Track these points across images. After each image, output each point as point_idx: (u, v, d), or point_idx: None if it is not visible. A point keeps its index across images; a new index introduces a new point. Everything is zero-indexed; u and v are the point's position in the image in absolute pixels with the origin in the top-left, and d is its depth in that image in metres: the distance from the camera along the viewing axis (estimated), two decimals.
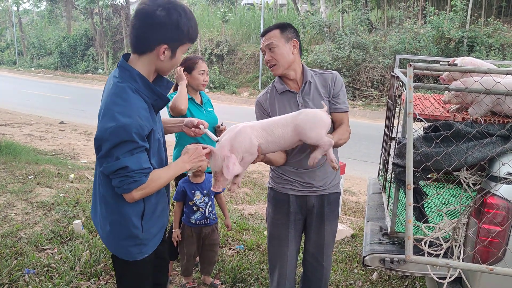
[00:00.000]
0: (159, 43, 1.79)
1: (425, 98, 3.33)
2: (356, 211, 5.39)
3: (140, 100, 1.80)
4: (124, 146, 1.72)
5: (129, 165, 1.74)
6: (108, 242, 2.02)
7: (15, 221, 4.35)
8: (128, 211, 1.90)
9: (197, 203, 3.19)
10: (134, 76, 1.81)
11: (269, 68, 2.38)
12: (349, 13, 19.00)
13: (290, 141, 2.09)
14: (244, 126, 2.04)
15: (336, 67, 15.23)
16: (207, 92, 18.13)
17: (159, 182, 1.87)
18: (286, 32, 2.31)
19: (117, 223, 1.94)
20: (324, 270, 2.57)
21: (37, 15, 35.65)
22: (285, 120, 2.09)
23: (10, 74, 25.51)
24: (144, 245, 2.00)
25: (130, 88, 1.79)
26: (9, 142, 7.69)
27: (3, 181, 5.61)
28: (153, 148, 1.89)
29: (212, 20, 23.32)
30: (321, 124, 2.06)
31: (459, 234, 2.25)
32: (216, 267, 3.63)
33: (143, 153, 1.79)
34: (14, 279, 3.22)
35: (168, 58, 1.84)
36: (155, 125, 1.89)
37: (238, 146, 1.99)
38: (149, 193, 1.86)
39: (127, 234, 1.94)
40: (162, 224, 2.12)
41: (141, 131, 1.74)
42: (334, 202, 2.53)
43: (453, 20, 14.64)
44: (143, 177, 1.79)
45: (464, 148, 2.14)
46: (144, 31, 1.78)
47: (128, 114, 1.72)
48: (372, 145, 8.40)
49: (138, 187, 1.79)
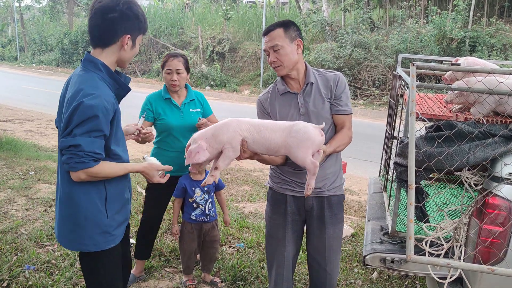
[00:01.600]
0: (123, 34, 1.95)
1: (427, 97, 3.32)
2: (357, 210, 5.39)
3: (106, 87, 1.95)
4: (85, 125, 1.83)
5: (82, 144, 1.84)
6: (72, 242, 2.06)
7: (16, 217, 4.35)
8: (92, 195, 1.98)
9: (197, 200, 3.19)
10: (98, 66, 1.95)
11: (273, 68, 2.35)
12: (351, 12, 18.98)
13: (275, 148, 2.05)
14: (231, 119, 2.05)
15: (338, 66, 15.22)
16: (208, 90, 18.13)
17: (109, 172, 1.95)
18: (289, 31, 2.27)
19: (81, 211, 1.99)
20: (328, 276, 2.48)
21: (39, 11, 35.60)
22: (277, 126, 2.06)
23: (11, 70, 25.49)
24: (109, 233, 2.06)
25: (98, 77, 1.94)
26: (10, 138, 7.69)
27: (4, 177, 5.61)
28: (116, 135, 2.01)
29: (213, 17, 23.29)
30: (309, 143, 2.02)
31: (460, 234, 2.24)
32: (216, 265, 3.63)
33: (100, 140, 1.90)
34: (14, 275, 3.22)
35: (130, 48, 2.00)
36: (119, 114, 2.01)
37: (218, 136, 1.99)
38: (96, 178, 1.93)
39: (92, 221, 2.00)
40: (126, 216, 2.18)
41: (105, 114, 1.87)
42: (336, 205, 2.45)
43: (455, 20, 14.61)
44: (91, 161, 1.87)
45: (466, 148, 2.13)
46: (109, 24, 1.93)
47: (96, 97, 1.85)
48: (373, 144, 8.39)
49: (85, 169, 1.87)
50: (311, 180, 2.07)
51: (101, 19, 1.92)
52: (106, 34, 1.94)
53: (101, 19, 1.92)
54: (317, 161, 2.06)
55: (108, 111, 1.88)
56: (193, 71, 19.52)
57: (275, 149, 2.06)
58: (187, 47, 21.93)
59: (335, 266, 2.51)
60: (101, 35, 1.95)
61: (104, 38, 1.95)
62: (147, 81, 20.50)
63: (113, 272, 2.16)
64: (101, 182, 1.99)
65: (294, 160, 2.08)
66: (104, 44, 1.97)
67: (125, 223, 2.19)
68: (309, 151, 2.04)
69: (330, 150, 2.24)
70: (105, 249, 2.06)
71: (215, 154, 2.03)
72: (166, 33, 23.45)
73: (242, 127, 2.02)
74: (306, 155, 2.03)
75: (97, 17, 1.92)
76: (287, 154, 2.08)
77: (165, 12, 25.18)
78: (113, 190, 2.05)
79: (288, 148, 2.04)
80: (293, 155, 2.05)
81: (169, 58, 3.15)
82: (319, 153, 2.11)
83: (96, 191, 1.99)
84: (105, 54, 1.98)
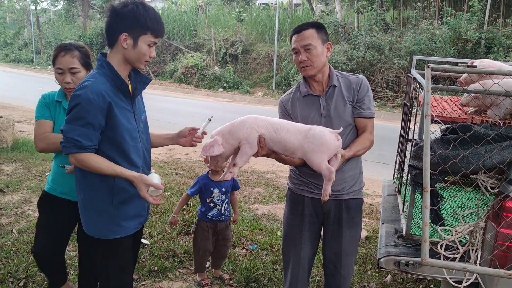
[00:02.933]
0: (120, 32, 2.02)
1: (442, 100, 3.29)
2: (370, 212, 5.36)
3: (104, 82, 2.03)
4: (71, 113, 1.97)
5: (64, 130, 1.98)
6: (86, 224, 2.16)
7: (32, 217, 4.41)
8: (99, 183, 2.08)
9: (214, 200, 3.25)
10: (103, 64, 2.07)
11: (300, 68, 2.33)
12: (365, 14, 18.87)
13: (291, 149, 2.08)
14: (248, 116, 2.10)
15: (351, 68, 15.15)
16: (221, 92, 18.18)
17: (94, 165, 1.99)
18: (321, 32, 2.29)
19: (88, 197, 2.11)
20: (342, 279, 2.47)
21: (54, 14, 36.03)
22: (294, 128, 2.09)
23: (27, 72, 25.85)
24: (117, 223, 2.13)
25: (99, 73, 2.05)
26: (26, 139, 7.80)
27: (21, 178, 5.70)
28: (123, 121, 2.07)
29: (226, 20, 23.36)
30: (324, 148, 2.05)
31: (476, 238, 2.22)
32: (230, 266, 3.64)
33: (85, 128, 1.96)
34: (30, 275, 3.27)
35: (131, 47, 2.04)
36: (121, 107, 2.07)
37: (235, 132, 2.04)
38: (83, 166, 2.01)
39: (97, 207, 2.11)
40: (138, 211, 2.23)
41: (88, 104, 1.94)
42: (355, 208, 2.44)
43: (470, 21, 14.44)
44: (73, 148, 1.97)
45: (482, 151, 2.11)
46: (109, 25, 2.05)
47: (83, 87, 1.96)
48: (386, 146, 8.33)
49: (70, 154, 1.99)
50: (328, 185, 2.08)
51: (105, 20, 2.08)
52: (107, 35, 2.07)
53: (105, 20, 2.08)
54: (333, 167, 2.06)
55: (92, 101, 1.94)
56: (206, 73, 19.59)
57: (291, 150, 2.08)
58: (200, 49, 22.03)
59: (350, 270, 2.51)
60: (106, 35, 2.08)
61: (108, 38, 2.08)
62: (161, 83, 20.62)
63: (120, 263, 2.22)
64: None
65: (310, 164, 2.09)
66: (109, 44, 2.09)
67: (137, 219, 2.24)
68: (324, 156, 2.04)
69: (350, 155, 2.24)
70: (110, 238, 2.13)
71: (232, 150, 2.08)
72: (180, 35, 23.58)
73: (259, 124, 2.05)
74: (321, 161, 2.04)
75: (105, 19, 2.09)
76: (303, 158, 2.10)
77: (179, 15, 25.32)
78: (122, 180, 2.08)
79: (304, 153, 2.06)
80: (308, 159, 2.07)
81: (60, 53, 2.49)
82: (337, 158, 2.11)
83: (103, 179, 2.07)
84: (112, 53, 2.09)
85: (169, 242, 3.98)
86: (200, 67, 19.95)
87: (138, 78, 2.19)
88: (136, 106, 2.20)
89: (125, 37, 2.01)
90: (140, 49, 2.05)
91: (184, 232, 4.28)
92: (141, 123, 2.24)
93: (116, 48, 2.06)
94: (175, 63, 21.60)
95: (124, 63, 2.09)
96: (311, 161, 2.07)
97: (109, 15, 2.04)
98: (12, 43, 33.28)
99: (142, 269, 3.51)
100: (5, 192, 5.12)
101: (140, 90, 2.21)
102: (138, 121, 2.20)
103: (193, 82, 19.94)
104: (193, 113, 12.52)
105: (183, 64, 20.60)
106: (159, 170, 6.74)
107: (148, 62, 2.16)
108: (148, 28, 2.04)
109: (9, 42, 33.48)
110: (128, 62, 2.10)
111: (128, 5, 2.01)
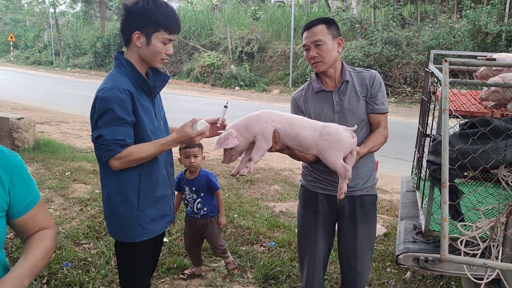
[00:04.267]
0: (132, 31, 2.00)
1: (461, 94, 3.24)
2: (389, 209, 5.31)
3: (127, 80, 2.02)
4: (104, 117, 1.94)
5: (103, 134, 1.94)
6: (110, 228, 2.17)
7: (54, 216, 4.49)
8: (126, 187, 2.05)
9: (187, 197, 3.32)
10: (122, 62, 2.06)
11: (311, 64, 2.33)
12: (381, 9, 18.67)
13: (306, 145, 2.08)
14: (263, 111, 2.10)
15: (368, 64, 15.01)
16: (238, 90, 18.22)
17: (139, 151, 1.98)
18: (331, 28, 2.27)
19: (114, 202, 2.08)
20: (358, 276, 2.46)
21: (73, 16, 36.60)
22: (309, 124, 2.08)
23: (47, 74, 26.29)
24: (141, 226, 2.11)
25: (120, 73, 2.04)
26: (47, 140, 7.93)
27: (42, 178, 5.81)
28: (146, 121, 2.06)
29: (242, 18, 23.39)
30: (339, 146, 2.04)
31: (497, 233, 2.18)
32: (248, 263, 3.66)
33: (123, 127, 1.96)
34: (53, 272, 3.33)
35: (145, 45, 2.02)
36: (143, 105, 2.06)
37: (250, 126, 2.04)
38: (131, 163, 1.99)
39: (123, 212, 2.08)
40: (163, 212, 2.22)
41: (120, 103, 1.93)
42: (369, 204, 2.43)
43: (490, 13, 14.18)
44: (117, 147, 1.94)
45: (503, 145, 2.07)
46: (122, 24, 2.04)
47: (109, 89, 1.95)
48: (405, 142, 8.25)
49: (114, 156, 1.95)
50: (343, 183, 2.07)
51: (120, 20, 2.08)
52: (123, 33, 2.07)
53: (120, 20, 2.07)
54: (348, 165, 2.06)
55: (123, 99, 1.94)
56: (222, 72, 19.65)
57: (305, 147, 2.08)
58: (216, 48, 22.10)
59: (366, 266, 2.49)
60: (122, 34, 2.08)
61: (123, 37, 2.08)
62: (178, 83, 20.76)
63: (141, 266, 2.21)
64: (136, 173, 2.05)
65: (325, 162, 2.09)
66: (125, 43, 2.09)
67: (163, 219, 2.23)
68: (340, 154, 2.04)
69: (365, 151, 2.23)
70: (135, 242, 2.12)
71: (246, 144, 2.08)
72: (196, 35, 23.69)
73: (274, 118, 2.05)
74: (337, 159, 2.03)
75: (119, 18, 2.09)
76: (319, 156, 2.09)
77: (194, 14, 25.46)
78: (147, 183, 2.09)
79: (319, 150, 2.05)
80: (324, 157, 2.06)
81: None
82: (352, 155, 2.10)
83: (129, 183, 2.06)
84: (129, 52, 2.08)
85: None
86: (217, 66, 20.02)
87: (156, 76, 2.19)
88: (156, 104, 2.20)
89: (138, 35, 2.00)
90: (154, 47, 2.02)
91: None
92: (162, 121, 2.25)
93: (131, 47, 2.06)
94: (192, 63, 21.71)
95: (140, 62, 2.08)
96: (326, 159, 2.06)
97: (122, 13, 2.03)
98: (32, 46, 33.89)
99: (162, 266, 3.55)
100: None
101: (160, 88, 2.20)
102: (159, 119, 2.20)
103: (210, 81, 20.03)
104: (210, 111, 12.56)
105: (200, 63, 20.70)
106: (176, 169, 6.79)
107: (165, 61, 2.12)
108: (161, 24, 1.99)
109: (30, 45, 34.11)
110: (144, 61, 2.08)
111: (139, 2, 1.98)
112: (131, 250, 2.16)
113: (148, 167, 2.10)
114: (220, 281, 3.42)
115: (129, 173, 2.04)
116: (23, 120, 7.28)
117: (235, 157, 2.14)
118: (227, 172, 6.67)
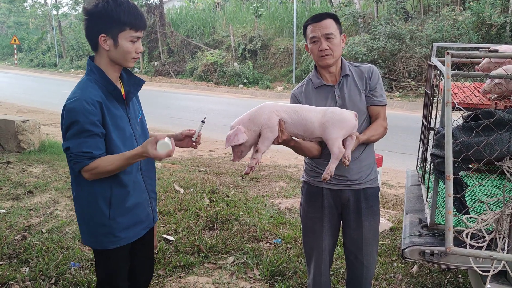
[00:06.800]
0: (97, 35, 1.93)
1: (464, 86, 3.23)
2: (395, 204, 5.30)
3: (96, 89, 1.96)
4: (72, 128, 1.90)
5: (70, 147, 1.92)
6: (83, 235, 2.16)
7: (60, 217, 4.53)
8: (97, 197, 2.04)
9: None
10: (92, 69, 1.99)
11: (319, 56, 2.32)
12: (384, 3, 18.56)
13: (312, 128, 2.10)
14: (266, 102, 2.12)
15: (372, 58, 14.96)
16: (241, 88, 18.21)
17: (106, 164, 1.94)
18: (338, 24, 2.33)
19: (85, 210, 2.08)
20: (365, 269, 2.48)
21: (75, 17, 36.68)
22: (313, 108, 2.15)
23: (51, 76, 26.41)
24: (113, 234, 2.09)
25: (90, 80, 1.98)
26: (53, 141, 7.98)
27: (48, 179, 5.85)
28: (114, 133, 2.00)
29: (244, 15, 23.36)
30: (343, 124, 2.08)
31: (503, 225, 2.18)
32: (254, 260, 3.67)
33: (91, 138, 1.92)
34: (61, 272, 3.36)
35: (113, 47, 1.95)
36: (113, 115, 2.00)
37: (255, 118, 2.06)
38: (99, 175, 1.96)
39: (94, 220, 2.07)
40: (137, 219, 2.18)
41: (87, 115, 1.88)
42: (372, 197, 2.45)
43: (494, 5, 14.06)
44: (84, 160, 1.91)
45: (507, 137, 2.07)
46: (86, 29, 1.96)
47: (77, 99, 1.89)
48: (409, 137, 8.22)
49: (83, 168, 1.93)
50: (333, 163, 2.10)
51: (83, 25, 1.97)
52: (88, 38, 1.99)
53: (83, 25, 1.97)
54: (348, 148, 2.10)
55: (90, 111, 1.89)
56: (225, 70, 19.65)
57: (311, 130, 2.11)
58: (219, 46, 22.10)
59: (372, 259, 2.50)
60: (87, 40, 1.99)
61: (90, 43, 2.00)
62: (181, 82, 20.79)
63: (115, 271, 2.21)
64: (107, 183, 2.03)
65: (326, 140, 2.11)
66: (93, 48, 2.00)
67: (138, 226, 2.19)
68: (341, 132, 2.08)
69: (364, 138, 2.26)
70: (108, 249, 2.11)
71: (255, 138, 2.09)
72: (198, 33, 23.69)
73: (278, 108, 2.09)
74: (337, 136, 2.07)
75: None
76: (322, 135, 2.11)
77: (197, 13, 25.44)
78: (119, 192, 2.07)
79: (323, 128, 2.08)
80: (327, 134, 2.09)
81: None
82: (352, 138, 2.13)
83: (101, 192, 2.04)
84: (98, 56, 2.01)
85: (193, 238, 4.03)
86: (220, 64, 20.02)
87: (131, 81, 2.13)
88: (130, 110, 2.14)
89: (104, 38, 1.92)
90: (122, 47, 1.95)
91: (209, 228, 4.33)
92: (138, 126, 2.18)
93: (100, 51, 1.98)
94: (195, 61, 21.73)
95: (111, 65, 2.01)
96: (329, 134, 2.08)
97: (83, 18, 1.93)
98: (36, 48, 34.04)
99: (168, 264, 3.56)
100: (34, 193, 5.27)
101: (134, 93, 2.14)
102: (133, 125, 2.14)
103: (213, 79, 20.03)
104: (214, 110, 12.59)
105: (203, 62, 20.71)
106: (182, 167, 6.82)
107: (136, 59, 2.05)
108: (125, 23, 1.92)
109: (33, 48, 34.26)
110: (115, 63, 2.01)
111: (98, 3, 1.89)
112: (105, 256, 2.16)
113: (120, 176, 2.05)
114: (227, 278, 3.43)
115: (100, 182, 2.01)
116: (28, 122, 7.33)
117: (245, 153, 2.14)
118: (232, 170, 6.69)
